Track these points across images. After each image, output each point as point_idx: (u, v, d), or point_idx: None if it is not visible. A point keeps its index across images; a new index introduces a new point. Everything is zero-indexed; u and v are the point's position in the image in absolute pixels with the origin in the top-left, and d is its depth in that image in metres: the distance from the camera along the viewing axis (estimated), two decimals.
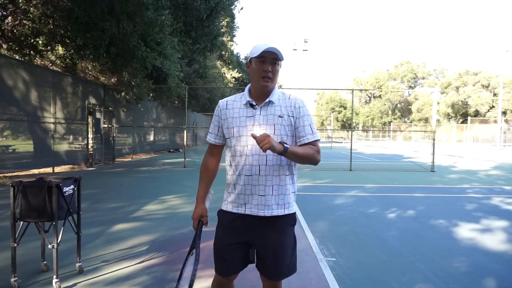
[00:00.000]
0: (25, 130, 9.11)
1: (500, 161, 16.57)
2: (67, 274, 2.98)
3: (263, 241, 1.74)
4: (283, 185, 1.74)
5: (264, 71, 1.68)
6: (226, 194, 1.83)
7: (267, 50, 1.65)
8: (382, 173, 11.10)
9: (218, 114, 1.83)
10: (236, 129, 1.75)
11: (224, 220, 1.81)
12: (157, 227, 4.50)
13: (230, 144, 1.79)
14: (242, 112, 1.76)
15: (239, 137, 1.74)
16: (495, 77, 44.78)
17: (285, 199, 1.75)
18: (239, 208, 1.75)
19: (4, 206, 5.30)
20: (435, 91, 15.51)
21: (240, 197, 1.74)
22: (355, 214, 5.48)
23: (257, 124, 1.72)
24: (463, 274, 3.18)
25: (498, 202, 6.64)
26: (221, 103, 1.84)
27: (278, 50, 1.66)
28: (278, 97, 1.78)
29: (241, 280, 2.91)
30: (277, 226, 1.74)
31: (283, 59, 1.73)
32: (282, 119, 1.73)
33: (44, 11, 9.49)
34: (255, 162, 1.70)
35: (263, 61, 1.68)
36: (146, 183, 8.29)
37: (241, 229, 1.75)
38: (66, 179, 2.84)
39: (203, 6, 10.69)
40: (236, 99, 1.82)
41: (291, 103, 1.77)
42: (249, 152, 1.71)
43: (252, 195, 1.72)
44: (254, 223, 1.73)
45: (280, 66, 1.76)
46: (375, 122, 57.70)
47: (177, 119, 22.89)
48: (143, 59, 10.47)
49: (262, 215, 1.71)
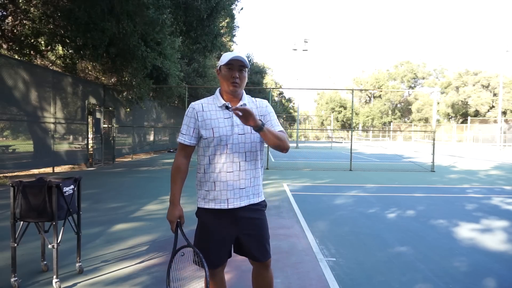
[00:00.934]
0: (25, 130, 9.11)
1: (500, 161, 16.57)
2: (67, 274, 2.98)
3: (248, 228, 1.92)
4: (258, 176, 1.97)
5: (232, 77, 1.86)
6: (204, 192, 1.92)
7: (234, 58, 1.85)
8: (382, 173, 11.10)
9: (194, 116, 1.92)
10: (216, 129, 1.86)
11: (207, 217, 1.92)
12: (157, 227, 4.50)
13: (208, 144, 1.88)
14: (219, 114, 1.90)
15: (219, 137, 1.85)
16: (495, 77, 44.80)
17: (259, 189, 1.99)
18: (221, 204, 1.87)
19: (4, 206, 5.30)
20: (435, 91, 15.52)
21: (222, 193, 1.87)
22: (355, 214, 5.48)
23: (235, 124, 1.87)
24: (463, 274, 3.18)
25: (498, 202, 6.64)
26: (196, 106, 1.94)
27: (244, 58, 1.86)
28: (248, 101, 1.98)
29: (242, 280, 2.91)
30: (255, 212, 1.95)
31: (249, 66, 1.92)
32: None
33: (45, 11, 9.49)
34: (236, 159, 1.86)
35: (230, 68, 1.87)
36: (146, 183, 8.30)
37: (226, 223, 1.89)
38: (66, 179, 2.84)
39: (204, 6, 10.68)
40: (209, 101, 1.96)
41: (259, 105, 2.00)
42: (229, 151, 1.86)
43: (233, 190, 1.87)
44: (237, 215, 1.89)
45: (247, 73, 1.94)
46: (375, 122, 57.72)
47: (177, 119, 22.90)
48: (143, 59, 10.47)
49: (244, 206, 1.89)
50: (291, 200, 6.39)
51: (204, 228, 1.93)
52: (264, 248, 1.98)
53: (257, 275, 2.08)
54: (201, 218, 1.95)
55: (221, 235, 1.90)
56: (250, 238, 1.94)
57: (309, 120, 72.16)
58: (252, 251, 1.95)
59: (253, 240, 1.94)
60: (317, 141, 52.35)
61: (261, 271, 2.05)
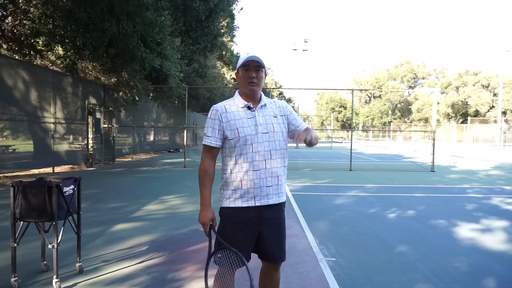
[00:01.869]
0: (25, 130, 9.11)
1: (500, 161, 16.57)
2: (67, 274, 2.98)
3: (272, 229, 1.95)
4: (283, 175, 1.99)
5: (249, 77, 1.91)
6: (230, 191, 1.93)
7: (249, 59, 1.90)
8: (382, 173, 11.10)
9: (218, 118, 1.93)
10: (241, 129, 1.89)
11: (233, 216, 1.92)
12: (157, 227, 4.50)
13: (234, 145, 1.91)
14: (242, 114, 1.93)
15: (244, 137, 1.88)
16: (495, 77, 44.78)
17: (282, 188, 2.00)
18: (249, 202, 1.90)
19: (4, 206, 5.30)
20: (435, 91, 15.53)
21: (249, 192, 1.89)
22: (355, 214, 5.48)
23: (258, 123, 1.92)
24: (463, 274, 3.18)
25: (498, 202, 6.64)
26: (219, 108, 1.95)
27: (259, 58, 1.91)
28: (267, 101, 2.03)
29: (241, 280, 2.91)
30: (278, 212, 1.99)
31: (265, 66, 1.97)
32: (277, 118, 2.00)
33: (44, 11, 9.49)
34: (261, 157, 1.89)
35: (247, 69, 1.92)
36: (146, 183, 8.29)
37: (252, 221, 1.91)
38: (66, 179, 2.84)
39: (202, 7, 10.70)
40: (231, 103, 1.99)
41: (278, 105, 2.07)
42: (254, 150, 1.89)
43: (260, 187, 1.89)
44: (262, 213, 1.92)
45: (265, 74, 2.00)
46: (375, 122, 57.70)
47: (177, 119, 22.90)
48: (142, 60, 10.47)
49: (272, 203, 1.93)
50: (291, 200, 6.39)
51: (228, 227, 1.93)
52: (282, 248, 2.00)
53: (266, 274, 2.09)
54: (225, 217, 1.95)
55: (245, 233, 1.91)
56: (271, 237, 1.95)
57: (309, 120, 72.16)
58: (271, 250, 1.97)
59: (273, 239, 1.96)
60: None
61: (271, 271, 2.06)
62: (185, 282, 2.90)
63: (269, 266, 2.05)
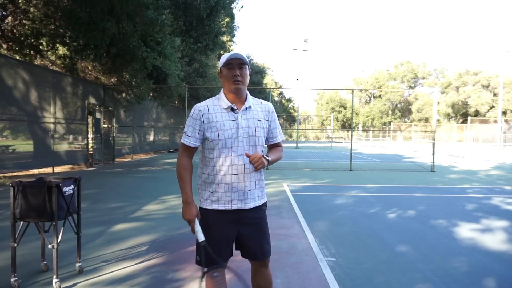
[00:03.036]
0: (25, 130, 9.11)
1: (500, 161, 16.57)
2: (67, 274, 2.98)
3: (251, 230, 1.96)
4: (261, 179, 2.01)
5: (233, 75, 1.87)
6: (208, 193, 1.93)
7: (232, 56, 1.86)
8: (382, 173, 11.10)
9: (200, 118, 1.90)
10: (221, 132, 1.87)
11: (210, 218, 1.93)
12: (157, 227, 4.50)
13: (213, 147, 1.89)
14: (224, 116, 1.90)
15: (224, 140, 1.86)
16: (495, 77, 44.77)
17: (262, 191, 2.02)
18: (225, 205, 1.90)
19: (4, 206, 5.30)
20: (435, 91, 15.53)
21: (226, 195, 1.89)
22: (355, 214, 5.48)
23: (240, 127, 1.89)
24: (463, 274, 3.18)
25: (498, 202, 6.64)
26: (202, 108, 1.92)
27: (241, 55, 1.87)
28: (253, 102, 1.98)
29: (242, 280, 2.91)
30: (258, 212, 1.99)
31: (248, 63, 1.92)
32: (260, 122, 1.96)
33: (46, 12, 9.49)
34: (241, 162, 1.88)
35: (230, 67, 1.88)
36: (146, 183, 8.29)
37: (229, 223, 1.92)
38: (66, 179, 2.84)
39: (203, 5, 10.68)
40: (214, 103, 1.95)
41: (265, 108, 2.02)
42: (234, 154, 1.87)
43: (238, 191, 1.89)
44: (240, 215, 1.92)
45: (248, 71, 1.94)
46: (375, 122, 57.69)
47: (177, 119, 22.89)
48: (143, 59, 10.47)
49: (249, 208, 1.92)
50: (291, 200, 6.38)
51: (206, 228, 1.92)
52: (263, 247, 2.00)
53: (256, 273, 2.10)
54: (203, 218, 1.95)
55: (222, 234, 1.92)
56: (251, 237, 1.96)
57: (309, 120, 72.13)
58: (252, 250, 1.98)
59: (254, 239, 1.97)
60: (317, 141, 52.35)
61: (260, 268, 2.08)
62: (185, 282, 2.90)
63: (256, 264, 2.07)
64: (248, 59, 1.95)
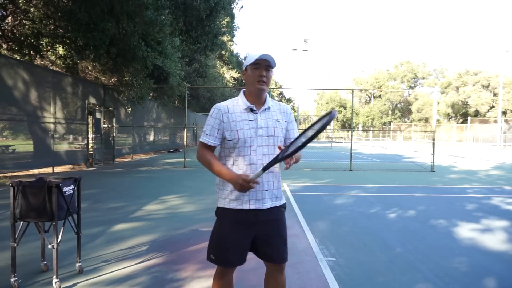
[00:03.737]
0: (25, 130, 9.11)
1: (500, 161, 16.56)
2: (67, 274, 2.98)
3: (269, 230, 1.94)
4: (279, 180, 2.00)
5: (259, 76, 1.87)
6: (226, 192, 1.92)
7: (261, 57, 1.85)
8: (382, 173, 11.10)
9: (219, 118, 1.91)
10: (241, 131, 1.88)
11: (228, 217, 1.93)
12: (157, 227, 4.50)
13: (232, 146, 1.90)
14: (244, 116, 1.91)
15: (243, 139, 1.87)
16: (495, 77, 44.77)
17: (281, 192, 2.02)
18: (243, 204, 1.89)
19: (4, 206, 5.30)
20: (435, 91, 15.53)
21: (244, 194, 1.87)
22: (355, 214, 5.48)
23: (259, 126, 1.90)
24: (463, 274, 3.18)
25: (498, 202, 6.64)
26: (222, 107, 1.93)
27: (271, 58, 1.86)
28: (272, 104, 2.00)
29: (241, 280, 2.91)
30: (277, 215, 1.97)
31: (275, 66, 1.90)
32: (279, 123, 1.97)
33: (45, 12, 9.49)
34: (259, 161, 1.88)
35: (257, 67, 1.87)
36: (146, 183, 8.29)
37: (246, 223, 1.91)
38: (66, 179, 2.84)
39: (203, 6, 10.67)
40: (234, 103, 1.96)
41: (284, 109, 2.04)
42: (253, 153, 1.88)
43: (256, 191, 1.88)
44: (258, 216, 1.90)
45: (272, 73, 1.94)
46: (375, 122, 57.69)
47: (177, 119, 22.89)
48: (143, 59, 10.46)
49: (266, 208, 1.91)
50: (291, 200, 6.38)
51: (224, 227, 1.93)
52: (281, 250, 1.97)
53: (270, 277, 2.06)
54: (221, 217, 1.96)
55: (240, 234, 1.91)
56: (268, 239, 1.94)
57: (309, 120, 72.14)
58: (269, 252, 1.95)
59: (271, 241, 1.94)
60: (317, 141, 52.34)
61: (275, 273, 2.03)
62: (185, 282, 2.90)
63: (272, 268, 2.03)
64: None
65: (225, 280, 2.01)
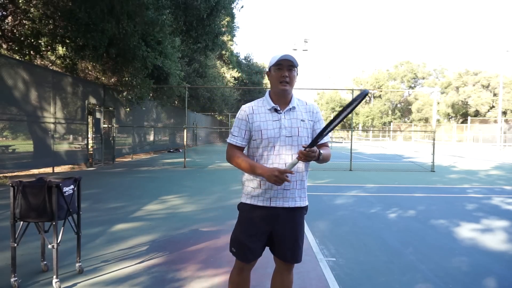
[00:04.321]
0: (25, 130, 9.11)
1: (500, 161, 16.56)
2: (67, 274, 2.98)
3: (285, 229, 1.96)
4: (304, 180, 2.00)
5: (282, 76, 1.90)
6: (250, 189, 1.98)
7: (283, 58, 1.88)
8: (382, 173, 11.10)
9: (245, 119, 1.97)
10: (264, 131, 1.92)
11: (249, 212, 1.98)
12: (157, 227, 4.50)
13: (257, 145, 1.96)
14: (268, 116, 1.95)
15: (267, 139, 1.91)
16: (495, 77, 44.76)
17: (304, 192, 2.03)
18: (264, 202, 1.94)
19: (4, 206, 5.30)
20: (435, 91, 15.55)
21: (266, 192, 1.92)
22: (355, 214, 5.48)
23: (283, 127, 1.93)
24: (463, 274, 3.18)
25: (499, 202, 6.64)
26: (247, 109, 1.99)
27: (293, 58, 1.89)
28: (297, 103, 2.02)
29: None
30: (297, 215, 1.99)
31: (298, 65, 1.95)
32: (304, 122, 1.98)
33: (45, 12, 9.49)
34: (282, 160, 1.91)
35: (279, 68, 1.91)
36: (146, 183, 8.29)
37: (266, 219, 1.95)
38: (66, 179, 2.84)
39: (203, 6, 10.67)
40: (259, 104, 2.01)
41: (310, 109, 2.04)
42: (276, 152, 1.92)
43: (277, 190, 1.92)
44: (277, 214, 1.94)
45: (297, 73, 1.98)
46: (375, 122, 57.69)
47: (177, 119, 22.89)
48: (143, 59, 10.46)
49: (287, 206, 1.95)
50: None
51: (245, 222, 1.99)
52: (296, 250, 2.01)
53: (278, 275, 2.10)
54: (243, 212, 2.02)
55: (259, 230, 1.96)
56: (285, 238, 1.97)
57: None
58: (283, 250, 1.99)
59: (287, 240, 1.97)
60: None
61: (284, 272, 2.08)
62: (185, 282, 2.90)
63: (282, 266, 2.07)
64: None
65: (241, 277, 2.05)
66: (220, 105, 29.04)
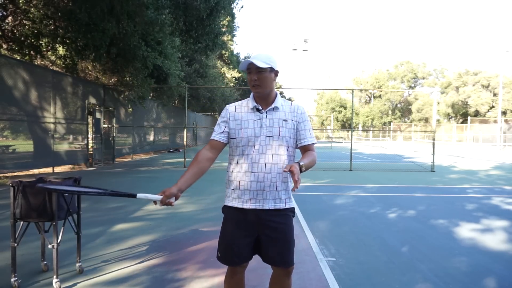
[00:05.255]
0: (25, 130, 9.11)
1: (500, 161, 16.56)
2: (67, 274, 2.98)
3: (271, 232, 1.90)
4: (285, 181, 1.94)
5: (252, 80, 1.91)
6: (230, 190, 1.96)
7: (244, 64, 1.90)
8: (382, 173, 11.10)
9: (227, 116, 1.99)
10: (245, 130, 1.92)
11: (231, 215, 1.96)
12: (157, 227, 4.50)
13: (236, 144, 1.94)
14: (250, 115, 1.95)
15: (247, 137, 1.91)
16: (495, 77, 44.76)
17: (288, 194, 1.96)
18: (244, 203, 1.90)
19: (4, 206, 5.30)
20: (435, 91, 15.52)
21: (245, 193, 1.89)
22: (355, 214, 5.48)
23: (264, 126, 1.91)
24: (463, 274, 3.18)
25: (498, 202, 6.64)
26: (230, 108, 2.02)
27: (258, 60, 1.85)
28: (281, 104, 1.99)
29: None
30: (281, 217, 1.92)
31: (265, 66, 1.86)
32: (286, 122, 1.95)
33: (45, 12, 9.49)
34: (262, 160, 1.88)
35: (249, 72, 1.92)
36: (146, 183, 8.29)
37: (249, 222, 1.91)
38: (66, 179, 2.84)
39: (203, 6, 10.65)
40: (243, 104, 2.02)
41: (294, 109, 2.00)
42: (256, 152, 1.89)
43: (257, 190, 1.88)
44: (259, 216, 1.89)
45: (269, 72, 1.90)
46: (375, 122, 57.68)
47: (177, 119, 22.89)
48: (144, 59, 10.46)
49: (267, 208, 1.89)
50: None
51: (228, 225, 1.97)
52: (285, 254, 1.93)
53: (276, 281, 2.03)
54: (226, 215, 1.99)
55: (242, 233, 1.91)
56: (271, 241, 1.90)
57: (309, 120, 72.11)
58: (272, 254, 1.92)
59: (275, 244, 1.90)
60: (317, 141, 52.20)
61: (281, 277, 2.00)
62: (185, 282, 2.90)
63: (278, 272, 2.00)
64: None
65: (234, 280, 2.02)
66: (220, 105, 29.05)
